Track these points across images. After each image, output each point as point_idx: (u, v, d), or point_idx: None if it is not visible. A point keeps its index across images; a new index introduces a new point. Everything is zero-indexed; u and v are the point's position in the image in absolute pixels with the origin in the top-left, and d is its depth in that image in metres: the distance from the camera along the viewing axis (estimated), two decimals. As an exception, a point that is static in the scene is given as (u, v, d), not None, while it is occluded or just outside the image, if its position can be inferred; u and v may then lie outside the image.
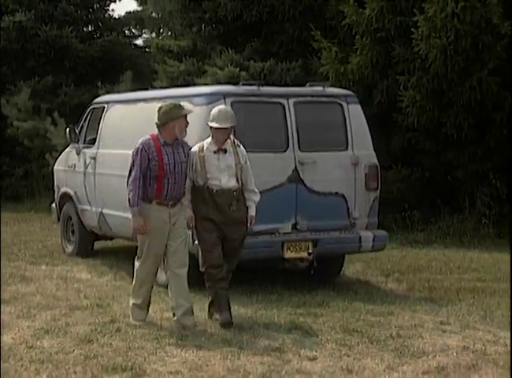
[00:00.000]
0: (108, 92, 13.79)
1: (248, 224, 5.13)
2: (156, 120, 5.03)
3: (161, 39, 14.73)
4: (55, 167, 8.68)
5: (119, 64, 16.62)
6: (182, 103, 6.37)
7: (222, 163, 5.03)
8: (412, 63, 9.75)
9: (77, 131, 8.04)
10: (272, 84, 8.48)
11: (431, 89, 9.65)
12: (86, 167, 7.73)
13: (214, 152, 5.02)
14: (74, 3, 16.85)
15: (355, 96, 6.73)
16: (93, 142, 7.75)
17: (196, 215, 5.05)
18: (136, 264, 5.07)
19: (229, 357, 4.19)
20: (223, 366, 4.03)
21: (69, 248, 8.16)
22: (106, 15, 17.87)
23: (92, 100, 8.34)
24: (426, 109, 9.74)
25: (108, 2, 18.11)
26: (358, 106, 6.59)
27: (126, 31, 18.20)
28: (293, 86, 8.21)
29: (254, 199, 5.16)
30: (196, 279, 5.31)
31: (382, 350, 4.32)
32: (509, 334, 4.64)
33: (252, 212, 5.14)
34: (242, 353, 4.27)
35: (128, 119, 7.13)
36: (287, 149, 6.20)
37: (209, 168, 5.00)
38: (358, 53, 10.40)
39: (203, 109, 6.01)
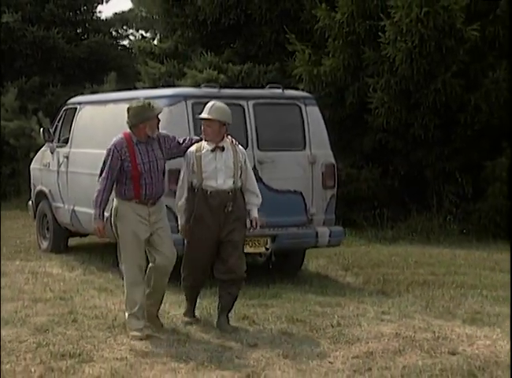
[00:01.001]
0: (94, 92, 14.07)
1: (252, 226, 4.89)
2: (127, 120, 4.89)
3: (144, 42, 14.87)
4: (31, 165, 8.89)
5: (105, 65, 16.88)
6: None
7: (219, 162, 4.83)
8: (381, 65, 9.98)
9: (51, 130, 8.28)
10: (233, 87, 8.72)
11: (398, 91, 9.90)
12: (59, 165, 7.96)
13: (211, 151, 4.83)
14: (61, 5, 17.09)
15: (313, 98, 6.95)
16: (66, 141, 7.97)
17: (190, 217, 4.82)
18: (122, 268, 4.90)
19: (175, 344, 4.42)
20: (168, 353, 4.25)
21: (44, 244, 8.39)
22: (93, 16, 18.22)
23: (66, 101, 8.57)
24: (394, 110, 9.98)
25: (95, 4, 18.50)
26: (316, 108, 6.80)
27: (113, 32, 18.56)
28: (253, 88, 8.45)
29: (255, 203, 4.95)
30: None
31: (320, 338, 4.55)
32: (442, 322, 4.89)
33: (254, 214, 4.91)
34: (188, 341, 4.49)
35: (97, 119, 7.36)
36: (246, 148, 6.38)
37: (205, 167, 4.81)
38: (331, 55, 10.63)
39: (165, 110, 6.16)
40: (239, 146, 5.02)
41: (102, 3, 18.19)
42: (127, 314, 4.67)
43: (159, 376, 3.87)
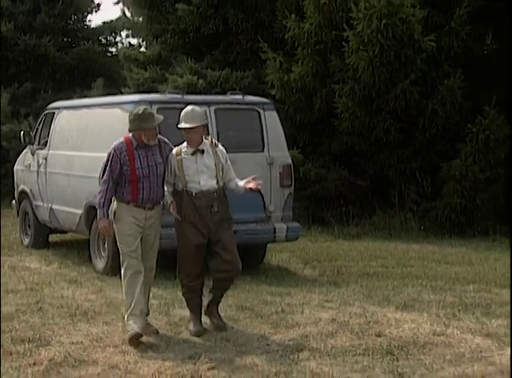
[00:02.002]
0: (82, 97, 14.26)
1: (257, 184, 4.86)
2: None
3: (129, 49, 15.08)
4: (15, 167, 9.07)
5: (94, 72, 17.08)
6: (113, 109, 6.88)
7: (200, 164, 4.71)
8: (346, 73, 10.25)
9: (32, 134, 8.48)
10: (196, 93, 8.88)
11: (362, 97, 10.17)
12: (39, 166, 8.16)
13: (192, 154, 4.70)
14: (52, 15, 17.30)
15: (272, 104, 7.17)
16: (45, 144, 8.17)
17: (177, 220, 4.68)
18: (122, 272, 4.63)
19: (129, 330, 4.60)
20: (120, 337, 4.46)
21: (26, 240, 8.59)
22: (83, 25, 18.40)
23: (46, 106, 8.77)
24: (358, 114, 10.25)
25: (85, 14, 18.70)
26: (274, 113, 7.02)
27: (102, 40, 18.75)
28: (217, 94, 8.69)
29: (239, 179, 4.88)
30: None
31: (263, 323, 4.77)
32: (377, 308, 5.11)
33: (243, 181, 4.84)
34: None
35: (72, 123, 7.57)
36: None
37: (186, 171, 4.69)
38: (300, 63, 10.89)
39: None
40: (220, 145, 4.93)
41: (92, 13, 18.47)
42: (126, 315, 4.52)
43: (109, 358, 4.08)
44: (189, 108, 4.88)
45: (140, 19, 14.93)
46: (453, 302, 5.36)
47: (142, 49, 16.29)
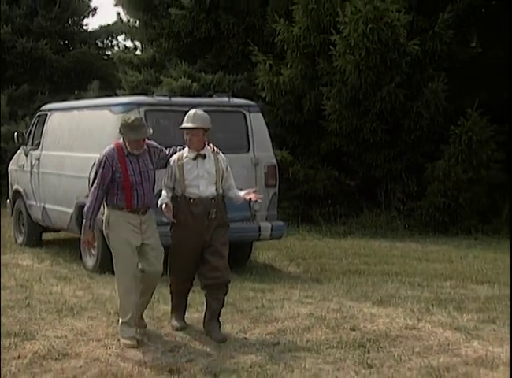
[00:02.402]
0: (78, 99, 14.35)
1: (257, 197, 4.70)
2: None
3: (124, 52, 15.17)
4: (10, 167, 9.16)
5: (90, 74, 17.17)
6: (102, 111, 6.96)
7: (201, 169, 4.61)
8: (333, 76, 10.34)
9: (26, 135, 8.57)
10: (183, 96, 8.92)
11: (349, 99, 10.26)
12: (32, 167, 8.24)
13: (193, 159, 4.62)
14: (49, 18, 17.41)
15: (257, 106, 7.26)
16: (38, 145, 8.26)
17: (173, 224, 4.60)
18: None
19: (112, 324, 4.70)
20: (103, 332, 4.56)
21: (20, 239, 8.68)
22: (80, 29, 18.49)
23: (39, 108, 8.85)
24: (345, 116, 10.34)
25: (82, 17, 18.79)
26: (260, 115, 7.11)
27: (99, 43, 18.85)
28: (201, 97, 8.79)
29: (238, 189, 4.75)
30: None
31: (243, 318, 4.85)
32: (355, 304, 5.20)
33: (243, 193, 4.71)
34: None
35: (63, 124, 7.66)
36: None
37: (187, 175, 4.59)
38: (289, 66, 10.98)
39: (120, 116, 6.47)
40: (221, 153, 4.81)
41: (89, 16, 18.57)
42: (120, 321, 4.45)
43: (91, 351, 4.16)
44: (193, 111, 4.81)
45: (136, 23, 15.09)
46: (428, 297, 5.47)
47: (138, 52, 16.43)
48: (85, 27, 18.39)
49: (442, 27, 9.83)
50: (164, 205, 4.54)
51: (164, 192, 4.65)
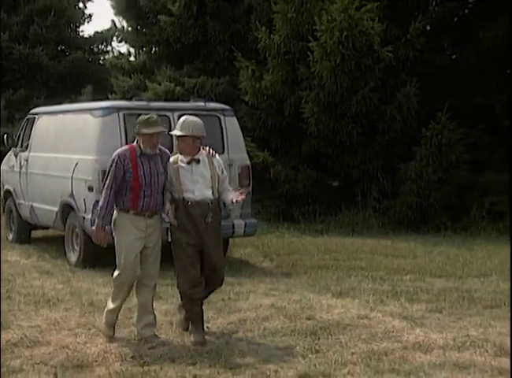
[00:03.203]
0: (70, 102, 14.51)
1: (239, 196, 4.55)
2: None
3: (115, 58, 15.35)
4: (1, 167, 9.33)
5: (85, 79, 17.35)
6: (84, 115, 7.13)
7: (195, 174, 4.52)
8: (312, 81, 10.51)
9: (15, 137, 8.74)
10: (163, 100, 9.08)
11: (326, 103, 10.43)
12: (21, 167, 8.42)
13: (188, 163, 4.51)
14: (45, 25, 17.59)
15: (232, 110, 7.43)
16: (27, 146, 8.43)
17: (172, 227, 4.51)
18: (115, 273, 4.49)
19: (85, 315, 4.89)
20: (76, 322, 4.73)
21: (10, 236, 8.85)
22: (77, 35, 18.66)
23: (28, 111, 9.02)
24: (323, 119, 10.51)
25: (77, 24, 18.95)
26: (234, 118, 7.29)
27: (94, 49, 19.01)
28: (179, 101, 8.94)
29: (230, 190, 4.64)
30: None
31: (208, 309, 4.98)
32: (315, 296, 5.37)
33: (232, 194, 4.58)
34: (97, 312, 4.96)
35: (50, 127, 7.85)
36: (171, 153, 6.87)
37: (182, 179, 4.50)
38: (270, 71, 11.15)
39: (100, 119, 6.76)
40: (217, 156, 4.75)
41: (84, 23, 18.75)
42: (107, 307, 4.46)
43: (61, 339, 4.33)
44: (184, 117, 4.74)
45: (129, 29, 15.28)
46: (385, 289, 5.64)
47: (132, 58, 16.61)
48: (81, 34, 18.63)
49: (414, 35, 10.02)
50: (167, 208, 4.46)
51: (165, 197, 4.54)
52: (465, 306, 4.98)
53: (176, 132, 4.62)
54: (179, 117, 7.15)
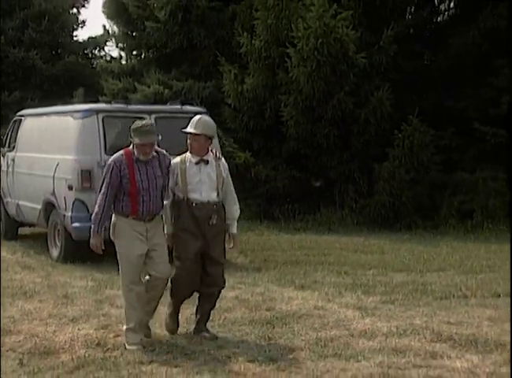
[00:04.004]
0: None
1: (231, 246, 4.47)
2: None
3: (106, 62, 15.49)
4: (-9, 167, 9.48)
5: (78, 82, 17.46)
6: (66, 117, 7.26)
7: (203, 175, 4.39)
8: (290, 85, 10.66)
9: (4, 138, 8.88)
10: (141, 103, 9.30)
11: (304, 106, 10.58)
12: (8, 167, 8.57)
13: (196, 163, 4.40)
14: (39, 30, 17.71)
15: (207, 113, 7.54)
16: (14, 147, 8.57)
17: (175, 228, 4.38)
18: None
19: (58, 306, 5.03)
20: (48, 312, 4.86)
21: (-2, 233, 9.03)
22: (71, 40, 18.79)
23: (15, 113, 9.15)
24: (301, 122, 10.67)
25: (71, 29, 19.07)
26: (209, 120, 7.42)
27: (89, 53, 19.15)
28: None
29: (234, 217, 4.50)
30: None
31: (175, 301, 5.17)
32: (279, 288, 5.52)
33: (233, 230, 4.46)
34: (70, 303, 5.10)
35: (34, 129, 8.01)
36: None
37: (189, 179, 4.36)
38: (252, 76, 11.31)
39: (79, 121, 6.92)
40: (222, 159, 4.62)
41: (77, 29, 18.88)
42: (124, 328, 4.28)
43: (32, 328, 4.47)
44: (198, 116, 4.62)
45: (120, 34, 15.41)
46: (347, 283, 5.80)
47: (123, 61, 16.74)
48: (75, 39, 18.77)
49: (386, 42, 10.19)
50: (168, 234, 4.35)
51: (164, 201, 4.40)
52: (417, 298, 5.15)
53: (191, 130, 4.49)
54: (157, 119, 7.47)
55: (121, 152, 4.45)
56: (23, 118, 8.39)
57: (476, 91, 10.55)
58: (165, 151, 4.58)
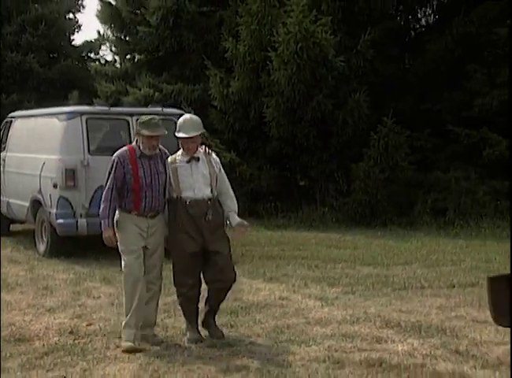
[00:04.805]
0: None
1: (240, 235, 4.36)
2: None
3: (99, 65, 15.62)
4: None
5: (74, 85, 17.59)
6: (51, 119, 7.40)
7: (195, 172, 4.28)
8: (272, 88, 10.79)
9: (-4, 139, 9.02)
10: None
11: (285, 108, 10.72)
12: (-1, 166, 8.71)
13: (187, 162, 4.29)
14: (36, 35, 17.83)
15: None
16: (5, 147, 8.69)
17: (171, 227, 4.30)
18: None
19: (38, 297, 5.16)
20: (27, 303, 4.99)
21: (-10, 230, 9.14)
22: (70, 44, 18.89)
23: (7, 115, 9.27)
24: (282, 123, 10.81)
25: (68, 33, 19.17)
26: (190, 122, 7.55)
27: (85, 57, 19.28)
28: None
29: (232, 208, 4.39)
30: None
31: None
32: (249, 281, 5.65)
33: (236, 219, 4.33)
34: (49, 295, 5.24)
35: (23, 130, 8.13)
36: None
37: (182, 178, 4.26)
38: (237, 79, 11.45)
39: (64, 123, 7.05)
40: (213, 154, 4.49)
41: (74, 33, 18.99)
42: (123, 322, 4.19)
43: (10, 318, 4.59)
44: (187, 116, 4.53)
45: (114, 38, 15.52)
46: (314, 275, 5.93)
47: (118, 65, 16.87)
48: (73, 43, 18.88)
49: (364, 46, 10.34)
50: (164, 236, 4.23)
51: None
52: (378, 289, 5.29)
53: (184, 135, 4.32)
54: (137, 121, 7.58)
55: (125, 148, 4.38)
56: (13, 120, 8.50)
57: (450, 95, 10.73)
58: (164, 148, 4.46)
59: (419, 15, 11.71)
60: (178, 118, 7.52)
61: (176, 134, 4.45)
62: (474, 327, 4.01)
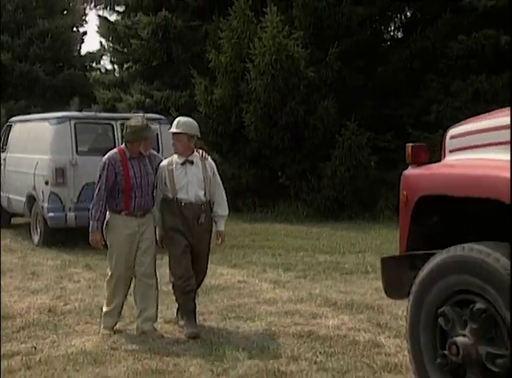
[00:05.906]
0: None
1: (218, 242, 4.28)
2: (124, 136, 4.24)
3: (98, 74, 15.72)
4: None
5: (77, 92, 17.71)
6: (43, 123, 7.52)
7: (189, 175, 4.14)
8: (251, 95, 10.93)
9: (-2, 141, 9.15)
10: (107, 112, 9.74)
11: (262, 113, 10.85)
12: (0, 166, 8.80)
13: (182, 164, 4.14)
14: (43, 47, 17.95)
15: (166, 119, 7.86)
16: (6, 148, 8.82)
17: (165, 227, 4.16)
18: (107, 277, 4.14)
19: (24, 281, 5.28)
20: (14, 286, 5.12)
21: (-7, 222, 9.27)
22: (74, 55, 19.01)
23: (8, 119, 9.41)
24: (260, 127, 10.96)
25: (72, 45, 19.28)
26: (168, 126, 7.68)
27: (88, 66, 19.40)
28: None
29: (222, 215, 4.26)
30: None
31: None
32: (217, 268, 5.76)
33: (221, 227, 4.26)
34: (35, 279, 5.37)
35: (21, 133, 8.25)
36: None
37: (177, 180, 4.12)
38: (219, 87, 11.59)
39: (54, 127, 7.19)
40: (209, 158, 4.35)
41: (77, 45, 19.07)
42: (103, 310, 4.13)
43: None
44: (184, 117, 4.38)
45: (111, 49, 15.63)
46: (275, 262, 6.08)
47: (117, 74, 16.98)
48: (75, 54, 18.98)
49: (332, 58, 10.50)
50: (160, 237, 4.13)
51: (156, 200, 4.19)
52: (328, 273, 5.45)
53: (172, 130, 4.20)
54: (121, 125, 7.73)
55: (115, 150, 4.27)
56: (13, 124, 8.65)
57: (409, 101, 10.93)
58: (154, 151, 4.40)
59: (383, 30, 11.89)
60: (158, 122, 7.85)
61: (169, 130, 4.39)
62: (399, 305, 4.16)
